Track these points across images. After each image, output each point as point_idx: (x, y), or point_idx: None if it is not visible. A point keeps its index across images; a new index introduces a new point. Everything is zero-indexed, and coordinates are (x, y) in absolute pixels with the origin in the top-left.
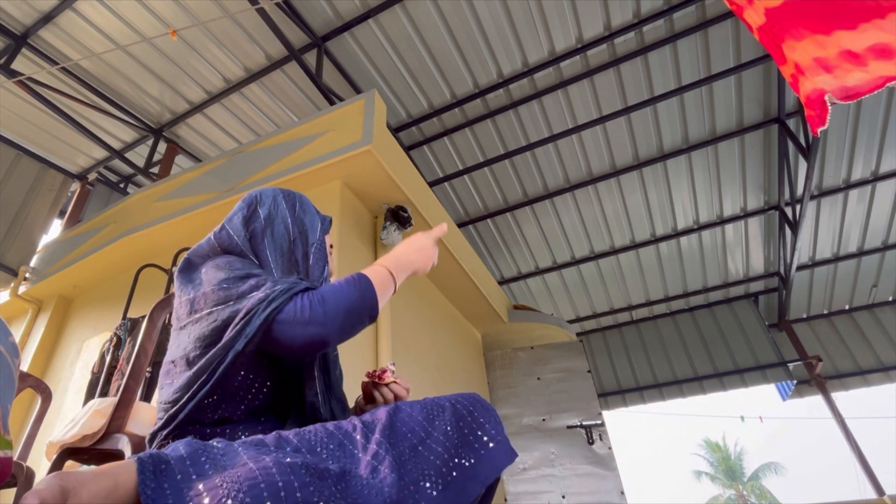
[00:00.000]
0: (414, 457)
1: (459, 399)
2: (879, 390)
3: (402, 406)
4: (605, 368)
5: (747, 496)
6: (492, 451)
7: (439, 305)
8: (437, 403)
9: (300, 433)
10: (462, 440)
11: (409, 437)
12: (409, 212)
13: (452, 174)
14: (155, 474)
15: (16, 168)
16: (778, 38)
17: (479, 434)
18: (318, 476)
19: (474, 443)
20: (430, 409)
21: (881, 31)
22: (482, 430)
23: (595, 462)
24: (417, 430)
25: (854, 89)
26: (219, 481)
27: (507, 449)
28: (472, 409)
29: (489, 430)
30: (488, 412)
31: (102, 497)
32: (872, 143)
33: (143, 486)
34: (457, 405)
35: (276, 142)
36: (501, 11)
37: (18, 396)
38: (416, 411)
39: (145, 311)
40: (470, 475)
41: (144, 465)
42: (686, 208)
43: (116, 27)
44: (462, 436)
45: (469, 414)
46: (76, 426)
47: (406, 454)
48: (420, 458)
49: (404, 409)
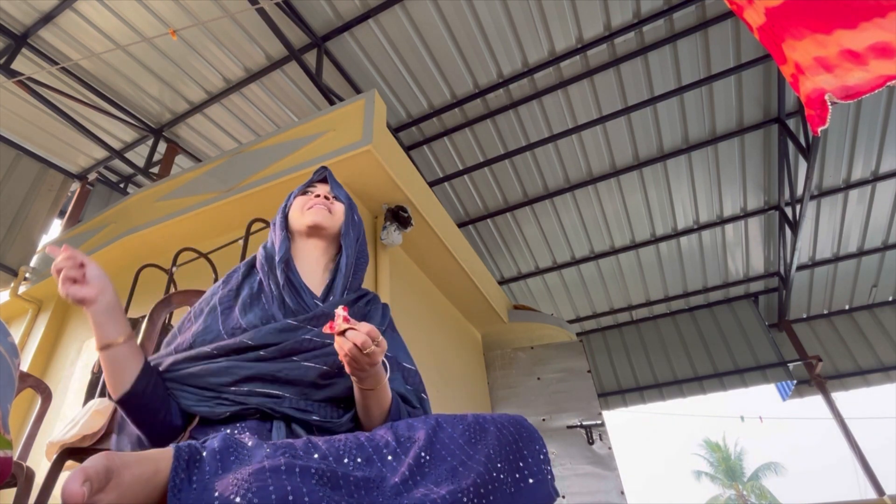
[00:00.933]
0: (453, 477)
1: (505, 423)
2: (879, 390)
3: (444, 425)
4: (605, 368)
5: (747, 496)
6: (531, 487)
7: (439, 305)
8: (481, 426)
9: (330, 440)
10: (505, 465)
11: (449, 460)
12: (409, 212)
13: (452, 174)
14: (188, 466)
15: (16, 168)
16: (778, 38)
17: (521, 466)
18: (332, 484)
19: (515, 472)
20: (472, 430)
21: (882, 29)
22: (524, 463)
23: (595, 462)
24: (458, 453)
25: (854, 88)
26: (232, 479)
27: (546, 491)
28: (518, 437)
29: (532, 464)
30: (533, 443)
31: (143, 482)
32: (872, 143)
33: (174, 476)
34: (502, 430)
35: (276, 142)
36: (501, 11)
37: (18, 396)
38: (458, 433)
39: (145, 311)
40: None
41: (181, 454)
42: (686, 208)
43: (116, 27)
44: (505, 461)
45: (514, 441)
46: (76, 426)
47: (443, 476)
48: (458, 480)
49: (446, 429)
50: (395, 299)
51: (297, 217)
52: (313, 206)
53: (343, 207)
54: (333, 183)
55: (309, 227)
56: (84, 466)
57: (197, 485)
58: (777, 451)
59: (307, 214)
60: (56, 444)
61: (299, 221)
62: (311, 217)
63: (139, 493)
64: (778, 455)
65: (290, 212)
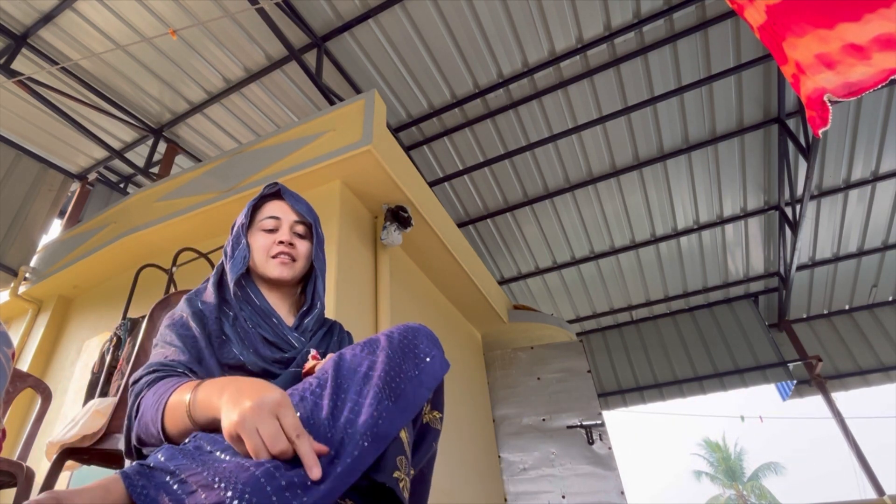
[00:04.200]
0: (367, 382)
1: (394, 329)
2: (879, 390)
3: (344, 351)
4: (605, 368)
5: (747, 496)
6: (430, 364)
7: (439, 305)
8: (371, 339)
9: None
10: (403, 357)
11: (358, 369)
12: (409, 212)
13: (452, 174)
14: (140, 475)
15: (16, 168)
16: (779, 36)
17: (416, 352)
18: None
19: (414, 359)
20: (369, 344)
21: (886, 20)
22: (418, 349)
23: (595, 462)
24: (364, 362)
25: (857, 84)
26: (206, 474)
27: (441, 361)
28: (407, 334)
29: (424, 348)
30: (420, 334)
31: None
32: (872, 143)
33: (132, 486)
34: (392, 334)
35: (276, 142)
36: (501, 11)
37: (18, 397)
38: (358, 349)
39: (145, 311)
40: (416, 384)
41: (129, 472)
42: (686, 208)
43: (116, 27)
44: (402, 355)
45: (404, 338)
46: (76, 426)
47: (360, 383)
48: (371, 382)
49: (346, 351)
50: (395, 299)
51: (261, 261)
52: (277, 255)
53: (307, 245)
54: (291, 199)
55: (273, 279)
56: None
57: (157, 484)
58: (777, 450)
59: (271, 265)
60: (56, 444)
61: (263, 267)
62: (275, 271)
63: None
64: (777, 455)
65: (251, 243)
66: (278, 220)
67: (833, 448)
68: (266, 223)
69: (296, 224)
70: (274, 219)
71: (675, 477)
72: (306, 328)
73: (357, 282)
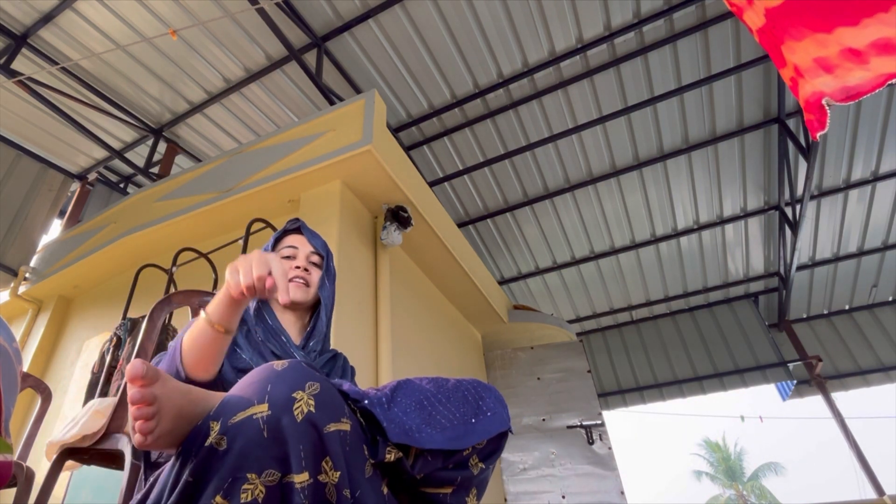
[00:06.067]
0: (424, 404)
1: (464, 378)
2: (879, 390)
3: (410, 378)
4: (605, 368)
5: (747, 496)
6: (489, 418)
7: (439, 305)
8: (442, 377)
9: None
10: (464, 402)
11: (417, 393)
12: (409, 212)
13: (452, 174)
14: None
15: (16, 168)
16: (778, 40)
17: (480, 404)
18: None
19: (474, 407)
20: (436, 379)
21: (884, 25)
22: (482, 402)
23: (595, 462)
24: (427, 390)
25: (855, 89)
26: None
27: (501, 419)
28: (476, 385)
29: (489, 402)
30: (489, 390)
31: (180, 393)
32: (872, 143)
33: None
34: (462, 380)
35: (276, 142)
36: (501, 11)
37: (19, 397)
38: (425, 381)
39: (145, 311)
40: (469, 429)
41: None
42: (686, 208)
43: (116, 27)
44: (464, 399)
45: (473, 388)
46: (76, 426)
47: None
48: (430, 405)
49: (412, 379)
50: (395, 299)
51: None
52: (293, 279)
53: (319, 273)
54: (309, 234)
55: (286, 303)
56: (142, 361)
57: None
58: (776, 450)
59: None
60: (56, 444)
61: None
62: (290, 293)
63: (177, 401)
64: (777, 454)
65: None
66: (296, 249)
67: (833, 448)
68: (285, 251)
69: (312, 254)
70: (292, 248)
71: (676, 477)
72: (312, 349)
73: (357, 282)
